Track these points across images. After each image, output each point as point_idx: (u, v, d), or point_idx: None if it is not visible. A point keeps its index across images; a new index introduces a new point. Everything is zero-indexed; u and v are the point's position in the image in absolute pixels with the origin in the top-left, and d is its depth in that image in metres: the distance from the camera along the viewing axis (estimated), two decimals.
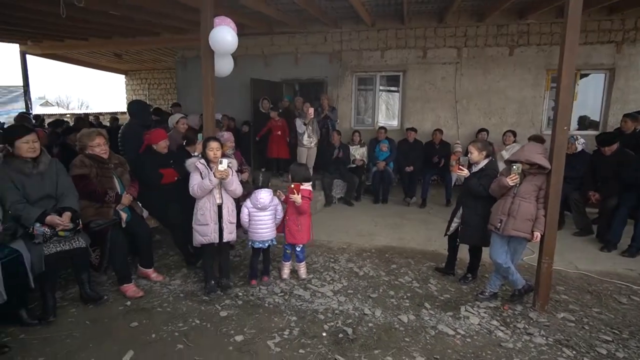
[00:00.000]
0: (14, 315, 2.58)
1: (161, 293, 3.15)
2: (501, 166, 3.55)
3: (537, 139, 5.43)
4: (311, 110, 5.75)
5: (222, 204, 3.11)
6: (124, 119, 8.47)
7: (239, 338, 2.53)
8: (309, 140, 5.96)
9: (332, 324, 2.74)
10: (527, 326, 2.78)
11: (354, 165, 6.57)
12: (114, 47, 8.88)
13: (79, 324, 2.69)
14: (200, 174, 3.01)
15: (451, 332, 2.66)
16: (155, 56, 10.46)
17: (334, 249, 4.33)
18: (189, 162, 3.06)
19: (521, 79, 6.82)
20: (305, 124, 5.87)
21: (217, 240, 3.09)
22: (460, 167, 3.25)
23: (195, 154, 3.71)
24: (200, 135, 3.92)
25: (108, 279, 3.34)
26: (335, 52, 7.38)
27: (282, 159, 6.63)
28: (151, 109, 4.34)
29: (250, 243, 3.39)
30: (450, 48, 6.97)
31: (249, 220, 3.28)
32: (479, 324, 2.79)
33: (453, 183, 6.31)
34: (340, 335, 2.59)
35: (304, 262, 3.51)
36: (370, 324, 2.75)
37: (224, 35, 3.20)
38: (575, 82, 6.86)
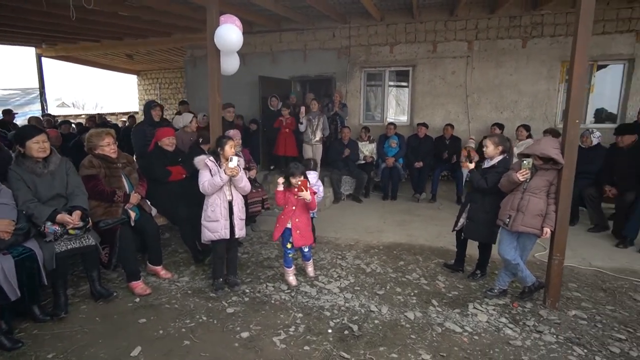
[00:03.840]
0: (27, 311, 2.65)
1: (169, 290, 3.20)
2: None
3: (553, 132, 5.30)
4: (302, 110, 5.91)
5: (232, 200, 3.14)
6: (140, 119, 8.62)
7: (244, 334, 2.55)
8: (309, 138, 6.01)
9: (338, 320, 2.73)
10: (536, 324, 2.72)
11: (363, 162, 6.54)
12: (125, 48, 9.03)
13: (90, 320, 2.75)
14: (210, 171, 3.04)
15: (458, 330, 2.62)
16: (165, 56, 10.59)
17: (342, 246, 4.32)
18: (198, 160, 3.09)
19: (535, 72, 6.64)
20: (300, 123, 5.99)
21: (227, 237, 3.11)
22: (467, 160, 3.20)
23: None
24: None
25: (118, 276, 3.40)
26: (344, 47, 7.33)
27: (289, 156, 6.64)
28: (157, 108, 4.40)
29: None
30: (461, 41, 6.83)
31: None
32: (487, 322, 2.74)
33: (464, 179, 6.21)
34: (346, 332, 2.58)
35: (311, 260, 3.51)
36: (376, 321, 2.73)
37: (229, 34, 3.20)
38: (592, 73, 6.66)
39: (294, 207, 3.19)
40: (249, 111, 7.44)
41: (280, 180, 3.17)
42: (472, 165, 3.31)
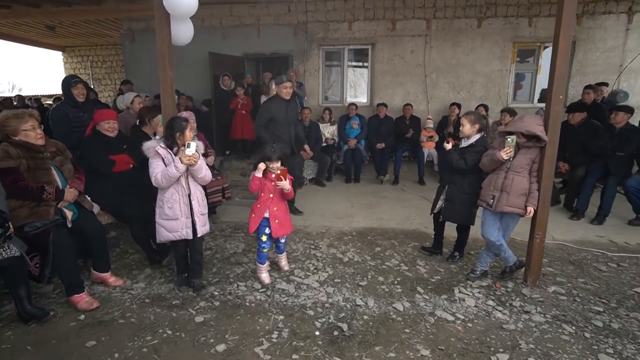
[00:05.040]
0: None
1: (122, 300, 2.71)
2: None
3: (510, 111, 5.43)
4: (274, 86, 5.31)
5: (190, 194, 2.70)
6: None
7: (220, 348, 2.20)
8: None
9: (324, 319, 2.49)
10: (522, 304, 2.70)
11: (325, 144, 6.28)
12: (43, 17, 7.68)
13: (18, 350, 2.19)
14: (163, 160, 2.57)
15: (450, 318, 2.51)
16: (97, 29, 9.28)
17: (313, 234, 4.06)
18: (147, 146, 2.59)
19: (489, 52, 6.77)
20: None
21: (190, 236, 2.70)
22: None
23: (157, 137, 3.23)
24: (160, 117, 3.40)
25: (54, 290, 2.83)
26: (300, 23, 6.88)
27: (247, 140, 6.18)
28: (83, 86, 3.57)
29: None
30: (419, 20, 6.73)
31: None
32: (475, 306, 2.67)
33: (425, 159, 6.26)
34: (335, 332, 2.35)
35: (284, 253, 3.21)
36: (365, 317, 2.53)
37: None
38: (540, 55, 6.95)
39: (271, 195, 2.85)
40: (198, 91, 6.78)
41: (262, 165, 2.80)
42: (449, 146, 3.19)
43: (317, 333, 2.34)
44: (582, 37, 6.67)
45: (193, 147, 2.54)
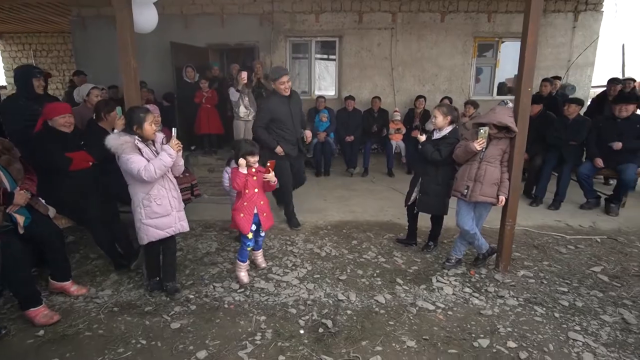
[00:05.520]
0: None
1: (87, 310, 2.49)
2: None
3: (474, 104, 5.61)
4: (244, 75, 5.12)
5: (174, 186, 2.64)
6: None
7: (201, 354, 2.08)
8: (246, 113, 5.36)
9: (308, 317, 2.44)
10: (496, 289, 2.81)
11: None
12: None
13: None
14: (141, 153, 2.38)
15: (431, 307, 2.56)
16: (39, 15, 8.44)
17: (287, 230, 3.99)
18: (123, 142, 2.34)
19: (452, 46, 6.96)
20: (238, 91, 5.25)
21: (186, 229, 2.66)
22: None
23: (116, 130, 3.00)
24: (119, 109, 3.15)
25: (5, 304, 2.54)
26: (266, 13, 6.68)
27: (214, 134, 5.94)
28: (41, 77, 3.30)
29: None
30: (386, 13, 6.77)
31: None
32: (453, 294, 2.74)
33: (393, 151, 6.36)
34: (321, 329, 2.31)
35: (261, 250, 3.11)
36: (348, 311, 2.51)
37: None
38: (498, 49, 7.25)
39: (256, 190, 2.76)
40: (158, 85, 6.39)
41: (243, 161, 2.68)
42: (423, 138, 3.23)
43: (301, 332, 2.29)
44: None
45: (175, 132, 2.52)
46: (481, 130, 2.78)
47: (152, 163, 2.35)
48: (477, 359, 2.08)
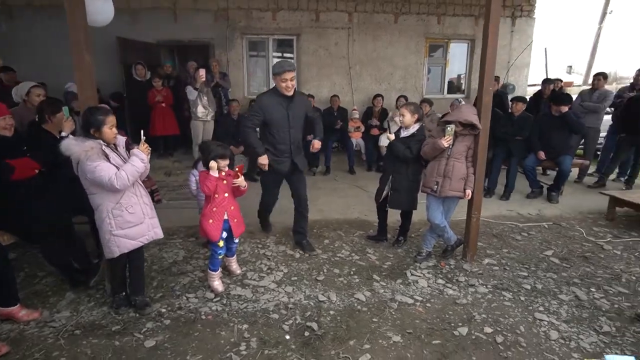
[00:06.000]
0: None
1: (43, 337, 2.22)
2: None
3: (429, 102, 5.88)
4: (202, 72, 4.88)
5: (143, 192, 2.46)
6: None
7: None
8: (204, 112, 5.14)
9: (291, 321, 2.39)
10: (467, 278, 2.96)
11: None
12: None
13: None
14: (108, 159, 2.15)
15: (410, 301, 2.63)
16: None
17: (257, 233, 3.89)
18: (86, 147, 2.07)
19: (405, 47, 7.22)
20: (196, 89, 5.00)
21: (160, 235, 2.48)
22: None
23: (64, 133, 2.72)
24: (66, 109, 2.84)
25: None
26: (221, 10, 6.44)
27: (170, 135, 5.62)
28: None
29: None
30: (342, 12, 6.85)
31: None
32: (428, 286, 2.84)
33: (353, 149, 6.45)
34: (306, 333, 2.27)
35: (235, 256, 3.00)
36: (331, 312, 2.50)
37: None
38: (447, 50, 7.65)
39: (226, 194, 2.62)
40: (104, 83, 5.88)
41: (214, 164, 2.53)
42: (392, 137, 3.31)
43: (287, 337, 2.24)
44: (479, 35, 7.45)
45: (142, 136, 2.37)
46: (448, 128, 2.90)
47: (123, 169, 2.15)
48: (460, 346, 2.17)
